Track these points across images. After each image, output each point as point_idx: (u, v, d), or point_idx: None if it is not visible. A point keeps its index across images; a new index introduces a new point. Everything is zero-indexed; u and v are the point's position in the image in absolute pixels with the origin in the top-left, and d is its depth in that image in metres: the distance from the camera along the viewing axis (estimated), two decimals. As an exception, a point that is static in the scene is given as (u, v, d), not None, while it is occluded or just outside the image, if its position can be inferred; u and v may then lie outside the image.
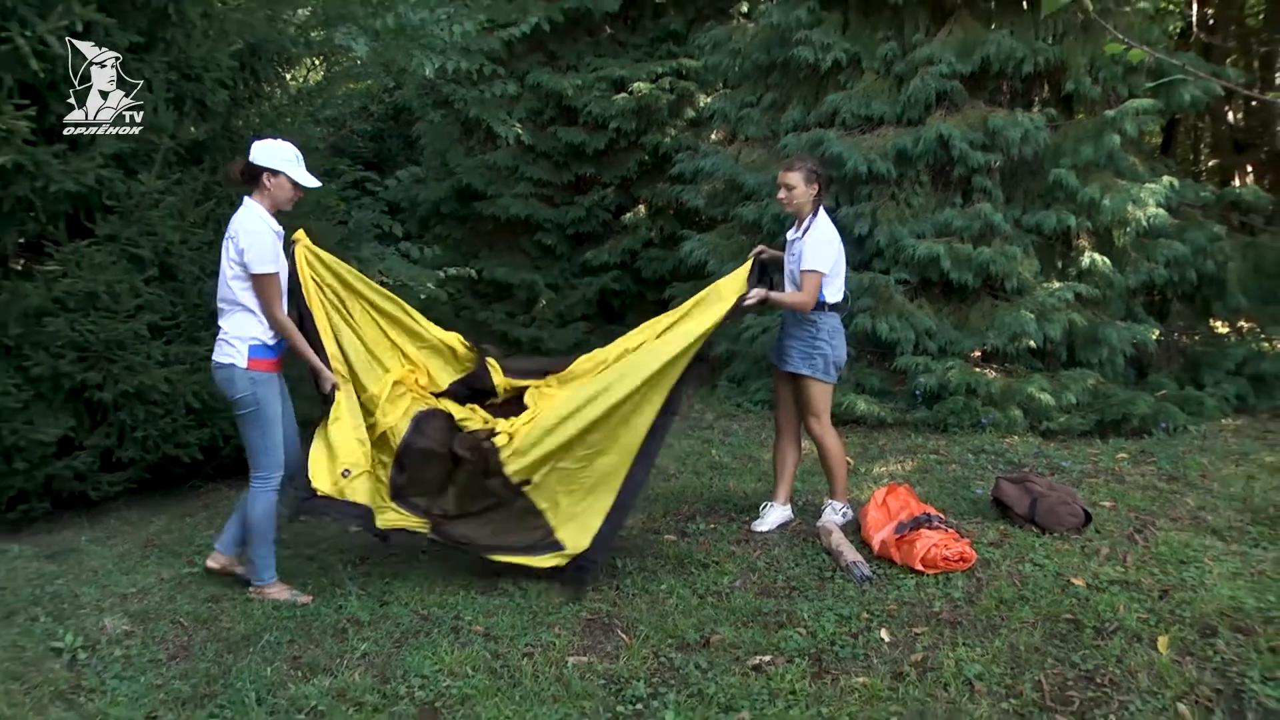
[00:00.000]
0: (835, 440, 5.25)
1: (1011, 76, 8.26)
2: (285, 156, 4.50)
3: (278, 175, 4.47)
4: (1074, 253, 8.21)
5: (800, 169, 5.10)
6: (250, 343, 4.46)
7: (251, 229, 4.40)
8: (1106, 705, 3.39)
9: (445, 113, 12.84)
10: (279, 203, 4.55)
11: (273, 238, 4.44)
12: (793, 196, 5.11)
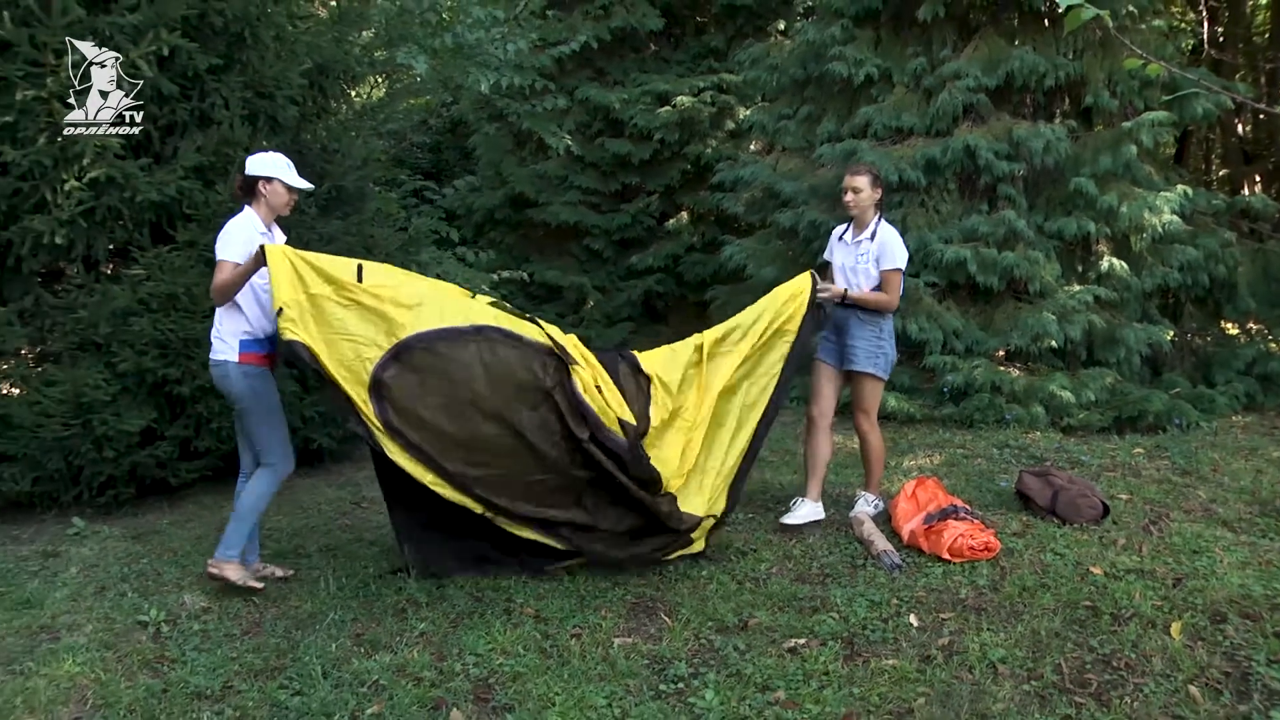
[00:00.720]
0: (880, 437, 5.26)
1: (1034, 90, 8.19)
2: (276, 164, 4.49)
3: (271, 181, 4.46)
4: (1093, 257, 8.13)
5: (867, 172, 5.09)
6: (241, 337, 4.38)
7: (232, 224, 4.39)
8: (1122, 687, 3.35)
9: (499, 125, 12.87)
10: (275, 208, 4.51)
11: (248, 235, 4.35)
12: (859, 200, 5.07)
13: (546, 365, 4.31)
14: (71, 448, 5.38)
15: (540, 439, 4.25)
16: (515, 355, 4.27)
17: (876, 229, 5.07)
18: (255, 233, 4.39)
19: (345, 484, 6.42)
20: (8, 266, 5.35)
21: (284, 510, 5.76)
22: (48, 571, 4.84)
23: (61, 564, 4.92)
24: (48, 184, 5.25)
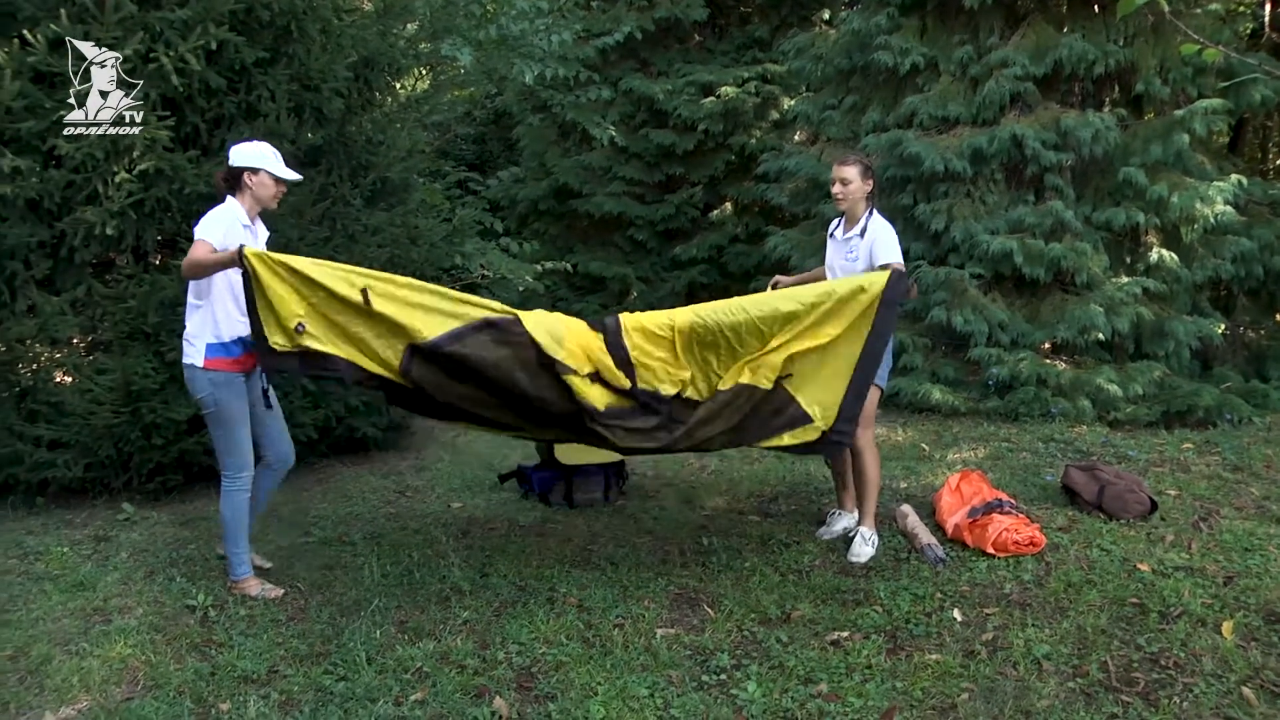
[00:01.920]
0: (876, 458, 4.74)
1: (1083, 78, 8.06)
2: (264, 154, 4.29)
3: (258, 173, 4.25)
4: (1142, 249, 8.00)
5: (857, 163, 4.70)
6: (207, 341, 4.20)
7: (213, 212, 4.18)
8: (1171, 687, 3.30)
9: (543, 116, 12.89)
10: (262, 200, 4.32)
11: (229, 219, 4.17)
12: (848, 192, 4.66)
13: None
14: (122, 435, 5.45)
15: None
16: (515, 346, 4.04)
17: (867, 224, 4.66)
18: (238, 224, 4.22)
19: (389, 473, 6.46)
20: (61, 257, 5.43)
21: (329, 498, 5.81)
22: (99, 555, 4.92)
23: (112, 548, 5.00)
24: (99, 177, 5.32)
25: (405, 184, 7.44)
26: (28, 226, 5.26)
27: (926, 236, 8.00)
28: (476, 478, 6.33)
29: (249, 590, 4.35)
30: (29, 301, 5.33)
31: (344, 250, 6.33)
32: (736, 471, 6.31)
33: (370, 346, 3.97)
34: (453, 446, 7.19)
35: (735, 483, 6.04)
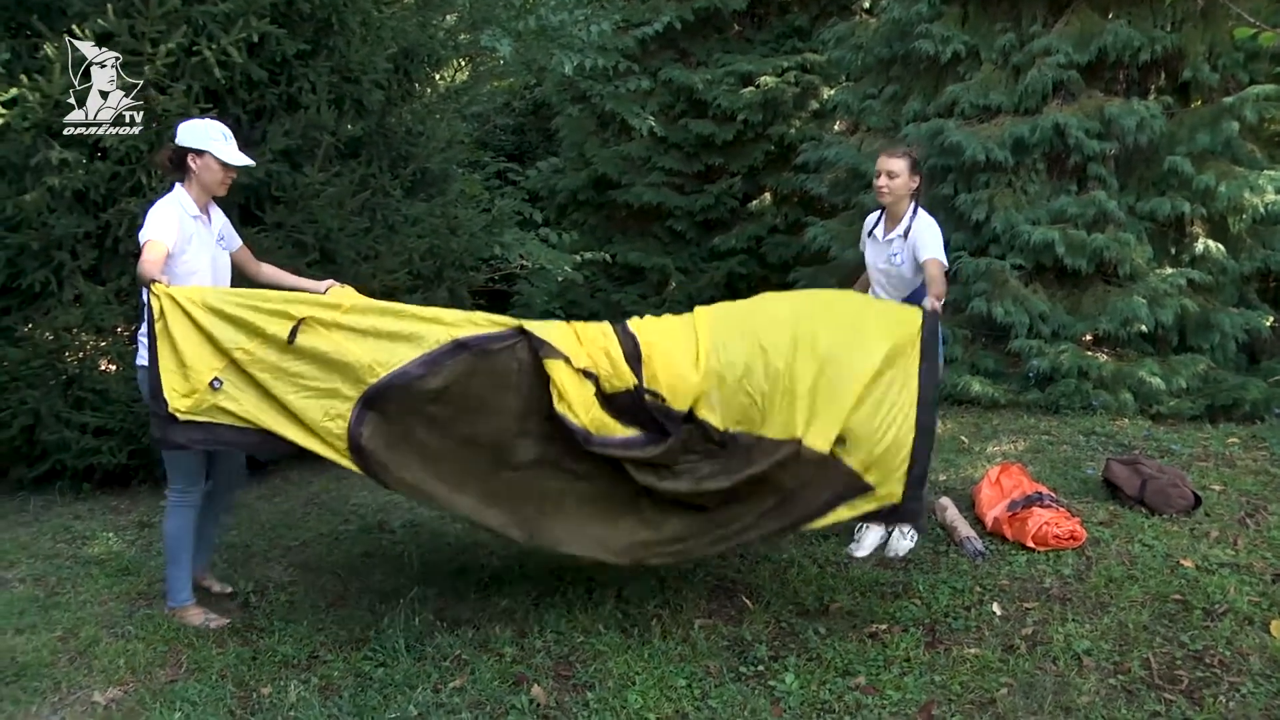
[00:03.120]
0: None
1: (1128, 65, 7.90)
2: (211, 135, 3.85)
3: (202, 155, 3.84)
4: (1187, 239, 7.85)
5: (905, 156, 4.32)
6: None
7: (159, 205, 3.80)
8: (1216, 686, 3.24)
9: (583, 107, 12.88)
10: (208, 185, 3.89)
11: (177, 216, 3.77)
12: (894, 186, 4.30)
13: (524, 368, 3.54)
14: (166, 423, 5.51)
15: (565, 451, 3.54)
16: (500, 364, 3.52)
17: (911, 223, 4.32)
18: (187, 216, 3.84)
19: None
20: (106, 248, 5.50)
21: (369, 485, 5.82)
22: (144, 541, 4.99)
23: (156, 534, 5.05)
24: (143, 168, 5.37)
25: (445, 175, 7.46)
26: (74, 218, 5.33)
27: (967, 227, 7.90)
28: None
29: (190, 619, 3.96)
30: (75, 291, 5.39)
31: (384, 240, 6.36)
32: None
33: (308, 414, 3.33)
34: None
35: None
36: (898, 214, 4.40)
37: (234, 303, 3.47)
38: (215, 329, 3.41)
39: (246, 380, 3.38)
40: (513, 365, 3.51)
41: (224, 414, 3.31)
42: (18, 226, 5.21)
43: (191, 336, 3.38)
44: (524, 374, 3.52)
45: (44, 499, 5.63)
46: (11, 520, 5.32)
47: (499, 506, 3.39)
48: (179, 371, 3.36)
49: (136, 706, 3.35)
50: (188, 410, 3.31)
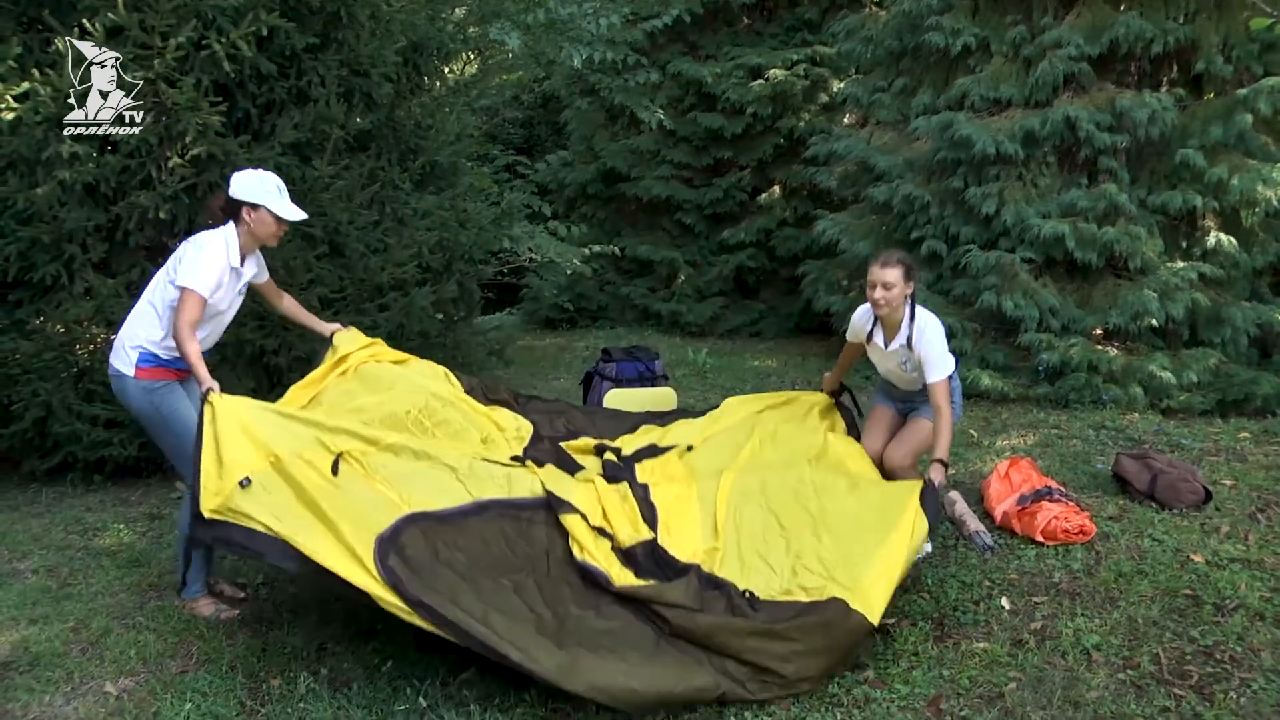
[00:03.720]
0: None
1: (1140, 57, 7.87)
2: (266, 189, 3.95)
3: (257, 209, 3.93)
4: (1199, 233, 7.81)
5: (900, 264, 4.26)
6: (138, 350, 3.85)
7: (204, 244, 3.86)
8: (1227, 681, 3.23)
9: (591, 100, 12.87)
10: (261, 238, 4.01)
11: (221, 266, 3.86)
12: (891, 297, 4.24)
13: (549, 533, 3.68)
14: (176, 415, 5.53)
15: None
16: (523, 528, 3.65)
17: (911, 331, 4.30)
18: (227, 265, 3.90)
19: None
20: (116, 241, 5.51)
21: (378, 479, 5.85)
22: (154, 533, 5.01)
23: (166, 526, 5.08)
24: (153, 161, 5.39)
25: (454, 168, 7.46)
26: (85, 211, 5.34)
27: (977, 220, 7.88)
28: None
29: (201, 611, 3.99)
30: (86, 284, 5.41)
31: (393, 233, 6.37)
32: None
33: (339, 529, 3.23)
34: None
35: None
36: (895, 321, 4.37)
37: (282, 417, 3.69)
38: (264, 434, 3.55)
39: (283, 482, 3.41)
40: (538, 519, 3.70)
41: (240, 516, 3.27)
42: (29, 220, 5.23)
43: (236, 436, 3.48)
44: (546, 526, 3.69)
45: (56, 491, 5.66)
46: (24, 512, 5.34)
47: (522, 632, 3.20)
48: (216, 469, 3.40)
49: (148, 697, 3.36)
50: (213, 510, 3.31)
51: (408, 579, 3.12)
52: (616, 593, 3.46)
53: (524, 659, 3.03)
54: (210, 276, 3.80)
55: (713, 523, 3.93)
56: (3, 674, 3.54)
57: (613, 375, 5.72)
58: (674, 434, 4.78)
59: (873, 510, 3.82)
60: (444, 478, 3.71)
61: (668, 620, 3.34)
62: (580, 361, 10.04)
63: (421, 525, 3.41)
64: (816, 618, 3.35)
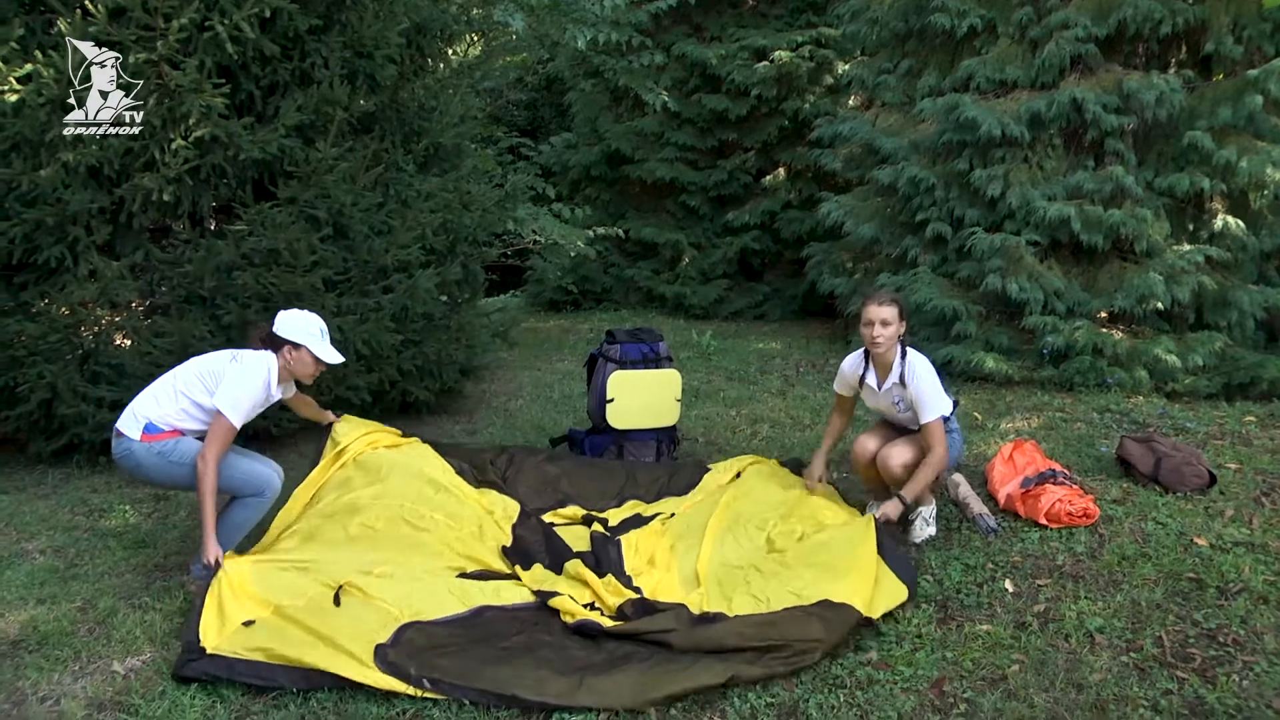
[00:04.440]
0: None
1: (1148, 38, 7.80)
2: (309, 331, 4.16)
3: (299, 349, 4.14)
4: (1206, 215, 7.78)
5: (894, 302, 4.32)
6: (145, 420, 3.96)
7: (250, 371, 4.03)
8: (1229, 664, 3.24)
9: (596, 82, 12.84)
10: (297, 374, 4.22)
11: (261, 397, 4.06)
12: (888, 334, 4.29)
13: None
14: (180, 396, 5.54)
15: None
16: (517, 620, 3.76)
17: (903, 370, 4.35)
18: (266, 392, 4.08)
19: (442, 436, 6.51)
20: (120, 223, 5.51)
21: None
22: (160, 514, 5.03)
23: (172, 507, 5.10)
24: (156, 143, 5.38)
25: (458, 150, 7.44)
26: (89, 193, 5.34)
27: (982, 202, 7.86)
28: (528, 441, 6.36)
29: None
30: (90, 266, 5.41)
31: (397, 215, 6.36)
32: (789, 437, 6.29)
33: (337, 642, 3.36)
34: (505, 411, 7.23)
35: (788, 448, 6.02)
36: (888, 362, 4.42)
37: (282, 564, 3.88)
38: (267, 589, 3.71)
39: (284, 622, 3.52)
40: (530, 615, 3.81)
41: (243, 650, 3.37)
42: (33, 202, 5.23)
43: (239, 593, 3.65)
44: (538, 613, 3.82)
45: (62, 472, 5.68)
46: (31, 493, 5.36)
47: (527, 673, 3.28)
48: (217, 616, 3.55)
49: (154, 676, 3.38)
50: (214, 647, 3.40)
51: (406, 662, 3.27)
52: (610, 633, 3.57)
53: (532, 694, 3.13)
54: (248, 405, 3.99)
55: (694, 576, 4.08)
56: (12, 652, 3.56)
57: (617, 357, 5.72)
58: (658, 508, 4.94)
59: (841, 542, 4.06)
60: (438, 590, 3.84)
61: (670, 644, 3.44)
62: (584, 343, 10.05)
63: (420, 628, 3.55)
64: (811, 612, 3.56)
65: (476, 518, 4.58)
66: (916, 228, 8.47)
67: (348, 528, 4.18)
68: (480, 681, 3.19)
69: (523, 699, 3.12)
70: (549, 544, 4.39)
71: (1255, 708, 2.99)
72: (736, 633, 3.44)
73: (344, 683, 3.20)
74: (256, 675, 3.27)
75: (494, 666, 3.28)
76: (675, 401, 5.82)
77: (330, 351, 4.21)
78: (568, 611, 3.72)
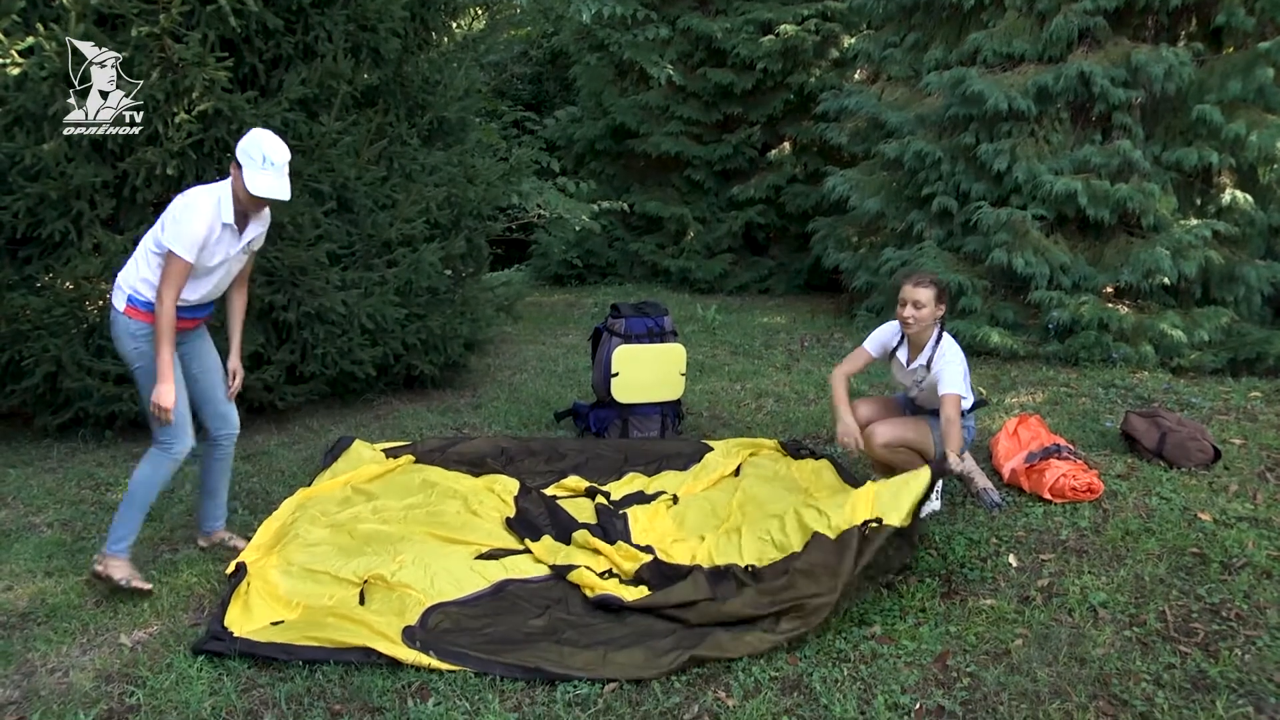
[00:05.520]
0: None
1: (1158, 11, 7.72)
2: (250, 154, 3.64)
3: (240, 168, 3.67)
4: (1214, 190, 7.74)
5: (933, 284, 4.26)
6: (130, 291, 3.71)
7: (192, 202, 3.65)
8: (1232, 639, 3.24)
9: (600, 56, 12.77)
10: (239, 201, 3.75)
11: (207, 225, 3.64)
12: (920, 316, 4.26)
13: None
14: (184, 370, 5.55)
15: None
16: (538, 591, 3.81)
17: (933, 355, 4.31)
18: (218, 222, 3.70)
19: (447, 410, 6.52)
20: (124, 197, 5.50)
21: (387, 435, 5.88)
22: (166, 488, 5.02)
23: (177, 482, 5.10)
24: (160, 117, 5.36)
25: (462, 123, 7.41)
26: (92, 167, 5.33)
27: (988, 177, 7.82)
28: (533, 415, 6.37)
29: (113, 571, 3.76)
30: (94, 240, 5.41)
31: (401, 189, 6.34)
32: (793, 412, 6.29)
33: (368, 623, 3.44)
34: (509, 385, 7.23)
35: (792, 423, 6.02)
36: (921, 342, 4.38)
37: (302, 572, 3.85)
38: (291, 589, 3.74)
39: (316, 614, 3.57)
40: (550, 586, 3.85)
41: (281, 639, 3.39)
42: (37, 176, 5.22)
43: (267, 602, 3.66)
44: (559, 585, 3.86)
45: (68, 446, 5.69)
46: (38, 467, 5.38)
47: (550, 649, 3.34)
48: (243, 612, 3.58)
49: (161, 649, 3.40)
50: (243, 634, 3.42)
51: (435, 640, 3.33)
52: (631, 608, 3.61)
53: (556, 667, 3.19)
54: (194, 238, 3.60)
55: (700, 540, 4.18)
56: (21, 625, 3.58)
57: (621, 331, 5.71)
58: (659, 483, 4.96)
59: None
60: (458, 571, 3.86)
61: (686, 620, 3.49)
62: (589, 318, 10.04)
63: (445, 609, 3.59)
64: (815, 552, 3.65)
65: (478, 494, 4.62)
66: (922, 202, 8.44)
67: (354, 534, 4.19)
68: (507, 657, 3.25)
69: (548, 670, 3.18)
70: (553, 515, 4.41)
71: (1257, 681, 2.99)
72: (752, 602, 3.49)
73: (376, 658, 3.23)
74: (284, 652, 3.28)
75: (518, 649, 3.32)
76: (680, 375, 5.82)
77: (261, 182, 3.64)
78: (587, 585, 3.76)
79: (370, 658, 3.24)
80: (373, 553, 3.98)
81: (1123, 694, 2.98)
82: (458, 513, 4.45)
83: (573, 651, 3.28)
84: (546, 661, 3.21)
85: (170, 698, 3.09)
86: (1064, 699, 2.98)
